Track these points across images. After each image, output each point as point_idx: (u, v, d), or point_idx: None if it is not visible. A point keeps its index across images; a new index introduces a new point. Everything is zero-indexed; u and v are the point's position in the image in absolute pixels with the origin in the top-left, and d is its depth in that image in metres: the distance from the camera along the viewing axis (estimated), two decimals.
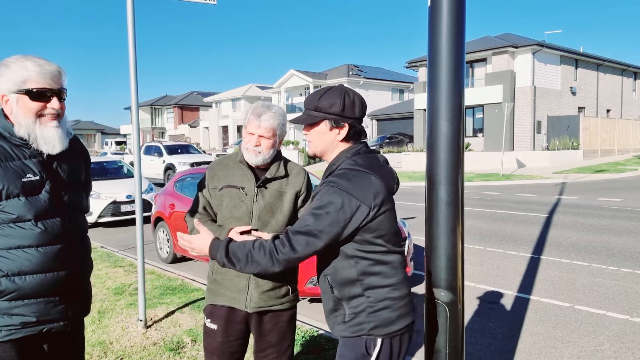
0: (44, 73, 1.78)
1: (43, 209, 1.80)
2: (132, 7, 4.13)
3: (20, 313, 1.79)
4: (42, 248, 1.80)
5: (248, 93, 49.46)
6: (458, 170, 2.20)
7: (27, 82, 1.76)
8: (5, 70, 1.77)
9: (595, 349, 4.09)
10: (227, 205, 2.38)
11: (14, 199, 1.76)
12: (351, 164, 1.85)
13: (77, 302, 1.97)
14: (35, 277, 1.79)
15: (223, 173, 2.43)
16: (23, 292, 1.78)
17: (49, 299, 1.84)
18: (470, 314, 4.90)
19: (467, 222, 9.31)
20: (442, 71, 2.16)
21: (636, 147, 30.67)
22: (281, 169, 2.42)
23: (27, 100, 1.77)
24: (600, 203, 12.20)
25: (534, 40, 28.53)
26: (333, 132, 1.91)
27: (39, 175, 1.81)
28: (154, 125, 62.63)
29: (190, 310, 4.84)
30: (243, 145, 2.39)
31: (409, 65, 33.36)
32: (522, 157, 24.21)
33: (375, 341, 1.83)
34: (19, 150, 1.80)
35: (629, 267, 6.44)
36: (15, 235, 1.76)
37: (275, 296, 2.38)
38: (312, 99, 1.93)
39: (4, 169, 1.75)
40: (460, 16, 2.15)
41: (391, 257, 1.87)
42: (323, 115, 1.90)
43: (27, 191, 1.77)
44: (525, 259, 7.08)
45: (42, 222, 1.80)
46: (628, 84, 35.87)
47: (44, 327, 1.84)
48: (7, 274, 1.75)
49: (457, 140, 2.18)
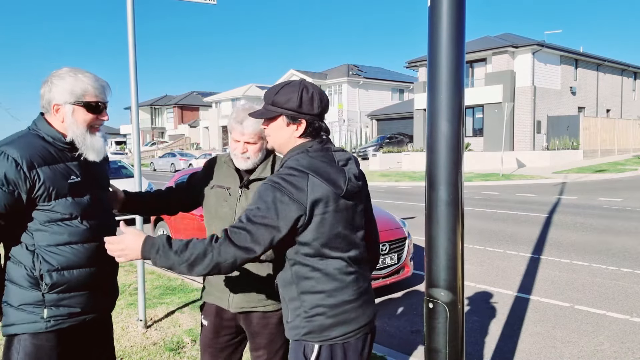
0: (99, 87, 1.94)
1: (87, 208, 1.97)
2: (132, 7, 4.13)
3: (67, 304, 1.95)
4: (87, 244, 1.96)
5: (248, 93, 49.45)
6: (458, 170, 2.20)
7: (86, 95, 1.91)
8: (60, 81, 1.89)
9: (595, 349, 4.09)
10: (213, 204, 2.42)
11: (62, 199, 1.90)
12: (293, 164, 1.77)
13: (112, 295, 2.18)
14: (81, 271, 1.96)
15: (215, 172, 2.48)
16: (70, 285, 1.94)
17: (91, 291, 2.01)
18: (470, 314, 4.90)
19: (467, 222, 9.31)
20: (442, 71, 2.16)
21: (636, 147, 30.67)
22: (267, 170, 2.40)
23: (84, 111, 1.92)
24: (600, 203, 12.21)
25: (533, 40, 28.53)
26: (290, 128, 1.85)
27: (81, 177, 1.96)
28: (153, 125, 62.64)
29: (190, 310, 4.84)
30: (231, 153, 2.39)
31: (409, 65, 33.37)
32: (522, 157, 24.22)
33: (313, 347, 1.79)
34: (62, 154, 1.94)
35: (629, 267, 6.44)
36: (64, 233, 1.91)
37: (257, 298, 2.36)
38: (270, 93, 1.87)
39: (52, 172, 1.88)
40: (460, 16, 2.15)
41: (328, 262, 1.78)
42: (279, 110, 1.83)
43: (73, 191, 1.92)
44: (525, 258, 7.08)
45: (86, 221, 1.96)
46: (628, 83, 35.88)
47: (86, 317, 2.01)
48: (57, 269, 1.90)
49: (457, 140, 2.18)
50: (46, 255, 1.89)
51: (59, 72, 1.92)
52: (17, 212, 1.84)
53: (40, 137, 1.92)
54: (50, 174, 1.86)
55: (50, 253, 1.90)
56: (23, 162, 1.81)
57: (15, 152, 1.81)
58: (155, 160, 35.55)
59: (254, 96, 49.25)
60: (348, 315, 1.80)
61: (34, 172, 1.83)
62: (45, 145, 1.90)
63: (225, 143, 49.20)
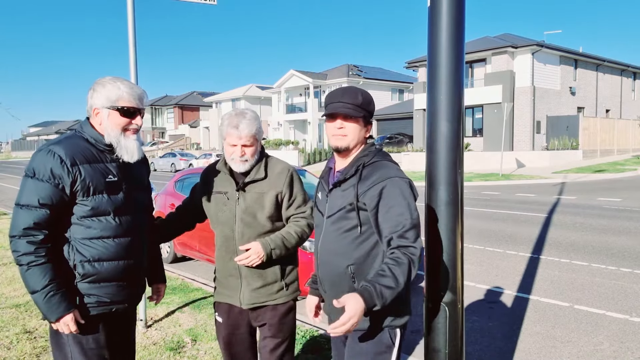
0: (133, 94, 2.12)
1: (120, 205, 2.14)
2: (132, 7, 4.14)
3: (96, 294, 2.12)
4: (118, 239, 2.13)
5: (248, 93, 49.45)
6: (457, 170, 2.21)
7: (119, 101, 2.09)
8: (101, 88, 2.10)
9: (594, 348, 4.09)
10: (213, 210, 2.52)
11: (98, 195, 2.08)
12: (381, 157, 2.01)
13: (139, 288, 2.31)
14: (111, 264, 2.12)
15: (211, 179, 2.55)
16: (100, 276, 2.11)
17: (119, 283, 2.17)
18: (470, 314, 4.91)
19: (467, 222, 9.31)
20: (441, 71, 2.17)
21: (635, 147, 30.68)
22: (261, 171, 2.47)
23: (118, 115, 2.10)
24: (600, 203, 12.21)
25: (533, 40, 28.53)
26: (364, 130, 2.02)
27: (117, 177, 2.14)
28: (154, 126, 62.61)
29: (191, 310, 4.85)
30: (227, 157, 2.45)
31: (409, 66, 33.37)
32: (521, 157, 24.22)
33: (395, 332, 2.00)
34: (102, 155, 2.13)
35: (628, 267, 6.45)
36: (97, 227, 2.09)
37: (267, 293, 2.48)
38: (352, 94, 1.99)
39: (92, 169, 2.07)
40: (459, 16, 2.16)
41: None
42: (365, 112, 1.99)
43: (109, 189, 2.11)
44: (524, 258, 7.09)
45: (118, 217, 2.13)
46: (627, 84, 35.88)
47: (114, 307, 2.18)
48: (89, 260, 2.08)
49: (456, 140, 2.19)
50: (80, 247, 2.08)
51: (102, 80, 2.13)
52: (61, 205, 2.04)
53: (84, 139, 2.13)
54: (91, 171, 2.06)
55: (84, 245, 2.08)
56: (67, 159, 2.02)
57: (61, 150, 2.03)
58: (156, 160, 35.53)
59: (254, 96, 49.28)
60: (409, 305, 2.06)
61: (75, 169, 2.03)
62: (88, 146, 2.11)
63: None
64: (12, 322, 4.51)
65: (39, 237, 2.00)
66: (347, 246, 1.96)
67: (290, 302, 2.55)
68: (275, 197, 2.46)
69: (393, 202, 1.87)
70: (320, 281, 2.13)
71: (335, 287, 2.03)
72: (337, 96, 1.99)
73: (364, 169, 1.96)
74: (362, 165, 1.97)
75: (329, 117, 2.02)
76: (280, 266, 2.50)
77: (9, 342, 4.03)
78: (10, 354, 3.82)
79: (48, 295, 2.00)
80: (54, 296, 2.01)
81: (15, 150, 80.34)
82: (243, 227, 2.45)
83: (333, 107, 1.99)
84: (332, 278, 2.04)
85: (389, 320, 1.97)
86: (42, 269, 1.99)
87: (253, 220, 2.45)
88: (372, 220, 1.92)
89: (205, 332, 4.25)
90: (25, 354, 3.80)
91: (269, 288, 2.48)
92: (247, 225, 2.45)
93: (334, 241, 2.01)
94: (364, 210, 1.93)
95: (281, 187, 2.47)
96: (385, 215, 1.88)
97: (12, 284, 5.79)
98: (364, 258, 1.95)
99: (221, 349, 2.63)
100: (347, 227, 1.97)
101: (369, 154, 2.01)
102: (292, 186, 2.50)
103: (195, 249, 6.56)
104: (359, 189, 1.93)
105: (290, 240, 2.45)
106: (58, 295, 2.01)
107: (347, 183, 1.98)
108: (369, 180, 1.92)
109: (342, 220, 1.97)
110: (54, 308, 2.01)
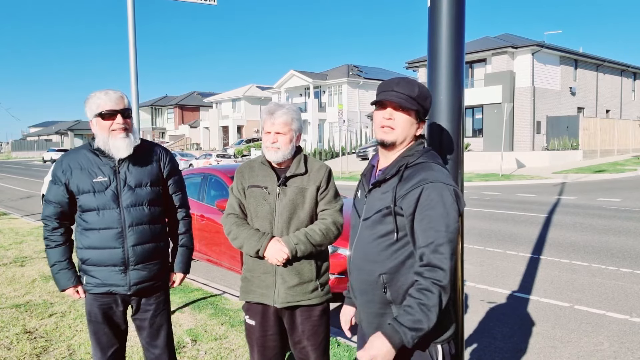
0: (109, 99, 2.42)
1: (107, 201, 2.48)
2: (132, 8, 4.14)
3: (93, 275, 2.54)
4: (102, 231, 2.48)
5: (248, 93, 49.43)
6: (458, 170, 2.21)
7: (98, 108, 2.42)
8: (87, 103, 2.46)
9: (594, 348, 4.09)
10: (251, 204, 2.50)
11: (86, 194, 2.48)
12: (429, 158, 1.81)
13: (137, 273, 2.54)
14: (98, 251, 2.50)
15: (248, 174, 2.55)
16: (92, 262, 2.52)
17: (110, 267, 2.51)
18: (470, 314, 4.91)
19: (467, 222, 9.32)
20: (441, 71, 2.17)
21: (635, 147, 30.68)
22: (301, 165, 2.50)
23: (101, 120, 2.44)
24: (600, 203, 12.21)
25: (533, 40, 28.54)
26: (415, 126, 1.84)
27: (107, 177, 2.49)
28: (154, 126, 62.61)
29: (191, 310, 4.85)
30: (263, 146, 2.48)
31: (409, 66, 33.39)
32: (521, 157, 24.22)
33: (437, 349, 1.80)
34: (97, 159, 2.51)
35: (629, 267, 6.45)
36: (88, 220, 2.50)
37: (302, 292, 2.45)
38: (408, 85, 1.81)
39: (82, 173, 2.48)
40: (459, 16, 2.16)
41: None
42: (419, 106, 1.81)
43: (96, 188, 2.47)
44: (524, 259, 7.09)
45: (103, 212, 2.48)
46: (627, 84, 35.88)
47: (109, 289, 2.53)
48: (84, 247, 2.52)
49: (456, 140, 2.19)
50: (79, 236, 2.54)
51: (89, 95, 2.47)
52: (64, 201, 2.52)
53: (87, 148, 2.55)
54: (80, 174, 2.48)
55: (81, 235, 2.53)
56: (63, 165, 2.52)
57: (62, 158, 2.56)
58: None
59: (254, 96, 49.26)
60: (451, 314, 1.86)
61: (68, 172, 2.50)
62: (86, 152, 2.53)
63: (225, 143, 49.20)
64: (12, 322, 4.52)
65: (50, 226, 2.55)
66: (381, 253, 1.79)
67: (325, 304, 2.53)
68: (315, 191, 2.48)
69: (431, 210, 1.69)
70: (352, 287, 1.99)
71: (365, 295, 1.89)
72: (391, 85, 1.82)
73: (407, 170, 1.77)
74: (406, 165, 1.78)
75: (379, 106, 1.84)
76: (316, 264, 2.49)
77: (9, 342, 4.03)
78: (10, 354, 3.82)
79: (55, 271, 2.57)
80: (58, 273, 2.56)
81: (15, 151, 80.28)
82: (282, 223, 2.44)
83: (384, 95, 1.81)
84: (363, 286, 1.89)
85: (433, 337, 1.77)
86: (52, 252, 2.57)
87: (293, 215, 2.45)
88: (407, 228, 1.74)
89: (205, 332, 4.25)
90: (25, 354, 3.80)
91: (305, 287, 2.45)
92: (286, 221, 2.44)
93: (367, 246, 1.84)
94: (400, 216, 1.75)
95: (320, 181, 2.50)
96: (420, 224, 1.71)
97: (12, 284, 5.79)
98: (398, 267, 1.77)
99: (253, 352, 2.57)
100: (382, 232, 1.79)
101: (415, 153, 1.81)
102: (329, 181, 2.54)
103: (195, 249, 6.56)
104: (397, 191, 1.75)
105: (314, 236, 2.42)
106: (62, 272, 2.56)
107: (387, 184, 1.80)
108: (410, 183, 1.74)
109: (377, 225, 1.80)
110: (59, 281, 2.57)
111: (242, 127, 49.20)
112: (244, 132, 48.83)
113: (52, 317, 4.64)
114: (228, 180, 6.25)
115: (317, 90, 42.44)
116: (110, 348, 2.66)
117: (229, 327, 4.34)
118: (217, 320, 4.52)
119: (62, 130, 77.98)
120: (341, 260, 4.80)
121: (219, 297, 5.29)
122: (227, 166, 7.33)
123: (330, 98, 42.00)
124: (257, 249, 2.41)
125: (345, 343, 3.99)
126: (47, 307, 4.93)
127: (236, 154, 36.65)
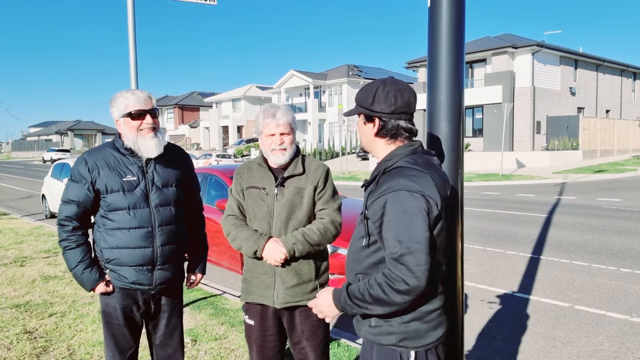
0: (138, 99, 2.44)
1: (135, 201, 2.47)
2: (132, 8, 4.14)
3: (120, 274, 2.50)
4: (133, 230, 2.46)
5: (248, 93, 49.44)
6: (458, 171, 2.21)
7: (127, 108, 2.43)
8: (114, 103, 2.46)
9: (594, 349, 4.09)
10: (250, 205, 2.51)
11: (115, 193, 2.45)
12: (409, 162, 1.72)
13: (162, 273, 2.55)
14: (127, 251, 2.47)
15: (247, 175, 2.56)
16: (120, 261, 2.48)
17: (138, 267, 2.49)
18: (470, 314, 4.91)
19: (467, 222, 9.31)
20: (442, 71, 2.17)
21: (635, 147, 30.68)
22: (299, 166, 2.50)
23: (129, 120, 2.44)
24: (600, 203, 12.21)
25: (533, 40, 28.54)
26: (368, 127, 1.83)
27: (136, 177, 2.48)
28: None
29: (190, 310, 4.85)
30: (267, 149, 2.47)
31: (409, 66, 33.37)
32: (521, 157, 24.22)
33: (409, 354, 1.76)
34: (125, 158, 2.49)
35: (629, 267, 6.45)
36: (115, 220, 2.47)
37: (301, 292, 2.46)
38: (358, 91, 1.88)
39: (111, 171, 2.46)
40: (460, 16, 2.16)
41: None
42: (357, 108, 1.86)
43: (125, 188, 2.46)
44: (524, 259, 7.09)
45: (134, 211, 2.46)
46: (627, 84, 35.89)
47: (135, 287, 2.52)
48: (110, 247, 2.48)
49: (456, 141, 2.19)
50: (103, 236, 2.49)
51: (114, 96, 2.47)
52: (88, 200, 2.47)
53: (112, 146, 2.52)
54: (108, 172, 2.45)
55: (106, 235, 2.48)
56: (89, 164, 2.47)
57: (87, 157, 2.50)
58: None
59: (254, 96, 49.26)
60: (439, 320, 1.80)
61: (95, 171, 2.45)
62: (113, 151, 2.50)
63: (225, 143, 49.20)
64: (12, 322, 4.52)
65: (70, 226, 2.49)
66: (359, 253, 1.82)
67: None
68: (313, 191, 2.48)
69: (393, 219, 1.65)
70: None
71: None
72: None
73: (383, 175, 1.76)
74: (383, 171, 1.77)
75: None
76: (315, 265, 2.49)
77: (9, 342, 4.03)
78: (10, 354, 3.82)
79: (79, 272, 2.49)
80: (83, 272, 2.49)
81: (15, 151, 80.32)
82: (280, 223, 2.45)
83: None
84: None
85: (395, 337, 1.75)
86: (73, 252, 2.50)
87: (291, 215, 2.45)
88: (376, 234, 1.73)
89: (205, 332, 4.25)
90: (25, 354, 3.80)
91: (304, 287, 2.46)
92: (284, 221, 2.45)
93: (352, 245, 1.90)
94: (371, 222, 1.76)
95: (318, 180, 2.50)
96: (386, 233, 1.66)
97: (12, 284, 5.79)
98: (372, 269, 1.77)
99: (252, 352, 2.57)
100: (360, 234, 1.82)
101: (395, 157, 1.77)
102: (327, 180, 2.54)
103: None
104: (369, 197, 1.76)
105: (312, 236, 2.41)
106: (87, 271, 2.49)
107: (368, 188, 1.82)
108: (379, 191, 1.71)
109: (359, 225, 1.84)
110: (85, 281, 2.50)
111: (242, 127, 49.21)
112: (244, 132, 48.83)
113: (52, 317, 4.64)
114: (228, 180, 6.25)
115: (317, 90, 42.45)
116: (129, 350, 2.65)
117: (228, 327, 4.34)
118: (217, 320, 4.52)
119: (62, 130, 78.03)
120: (341, 261, 4.80)
121: (218, 297, 5.29)
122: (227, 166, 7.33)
123: (330, 98, 42.02)
124: (254, 249, 2.41)
125: (345, 343, 3.99)
126: (47, 307, 4.93)
127: (236, 154, 36.64)
